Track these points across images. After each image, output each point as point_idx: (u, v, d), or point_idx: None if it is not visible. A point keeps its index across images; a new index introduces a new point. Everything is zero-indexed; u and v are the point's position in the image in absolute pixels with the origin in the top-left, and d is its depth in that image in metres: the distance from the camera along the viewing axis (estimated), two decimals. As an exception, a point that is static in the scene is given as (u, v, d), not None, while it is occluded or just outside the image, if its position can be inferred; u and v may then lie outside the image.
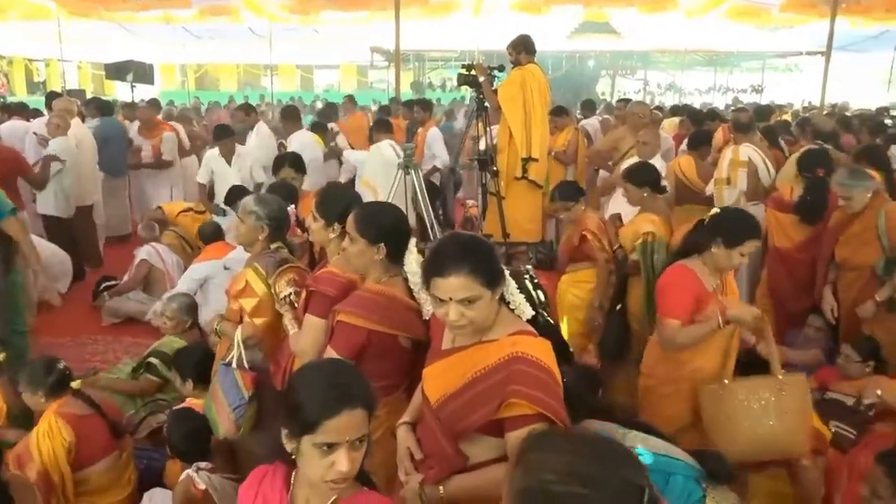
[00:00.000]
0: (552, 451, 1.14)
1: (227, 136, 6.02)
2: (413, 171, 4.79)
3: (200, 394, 3.28)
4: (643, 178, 4.01)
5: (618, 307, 3.97)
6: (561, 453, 1.12)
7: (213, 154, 6.12)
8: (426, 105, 7.91)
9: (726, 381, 2.82)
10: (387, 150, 5.90)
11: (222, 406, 2.86)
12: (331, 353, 2.29)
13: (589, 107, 10.24)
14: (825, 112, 10.92)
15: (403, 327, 2.32)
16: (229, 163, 5.97)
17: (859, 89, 22.81)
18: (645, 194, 3.98)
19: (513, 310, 1.91)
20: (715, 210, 3.06)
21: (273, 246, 3.01)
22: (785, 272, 4.63)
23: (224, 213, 5.44)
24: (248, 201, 3.05)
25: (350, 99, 10.64)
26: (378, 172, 5.76)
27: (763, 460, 2.82)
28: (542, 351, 1.79)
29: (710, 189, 5.68)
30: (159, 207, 6.53)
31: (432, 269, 1.77)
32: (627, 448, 1.19)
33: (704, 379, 2.88)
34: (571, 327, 4.34)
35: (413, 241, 2.32)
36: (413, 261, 2.28)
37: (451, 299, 1.74)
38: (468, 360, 1.83)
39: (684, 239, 3.14)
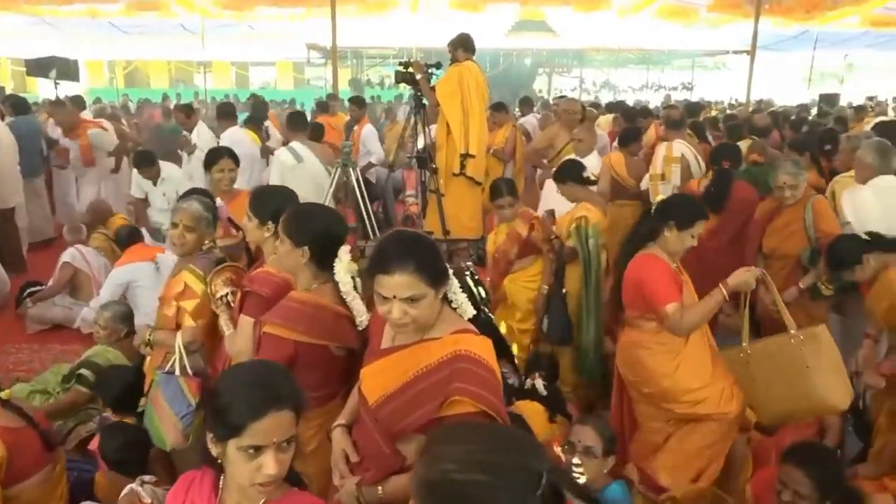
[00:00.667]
0: (454, 442, 1.16)
1: (148, 164, 5.52)
2: (351, 170, 4.75)
3: (122, 418, 3.18)
4: (570, 174, 4.27)
5: (563, 292, 4.13)
6: (462, 443, 1.15)
7: (138, 175, 5.68)
8: (360, 102, 7.86)
9: (745, 345, 2.89)
10: (283, 155, 5.43)
11: (167, 416, 2.77)
12: None
13: (527, 104, 10.31)
14: (751, 108, 11.36)
15: (333, 337, 2.24)
16: (155, 184, 5.65)
17: (783, 86, 23.82)
18: (578, 188, 4.23)
19: (455, 308, 1.89)
20: (660, 197, 3.15)
21: (205, 245, 2.94)
22: (695, 259, 4.80)
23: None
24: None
25: (333, 97, 10.34)
26: (275, 177, 5.35)
27: (801, 419, 2.96)
28: (484, 349, 1.78)
29: (644, 184, 5.82)
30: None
31: (377, 266, 1.73)
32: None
33: (685, 388, 2.90)
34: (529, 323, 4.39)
35: (345, 249, 2.21)
36: (342, 269, 2.19)
37: (394, 297, 1.71)
38: (409, 359, 1.80)
39: (633, 231, 3.20)
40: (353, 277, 2.21)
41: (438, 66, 5.95)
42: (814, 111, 14.39)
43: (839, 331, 3.78)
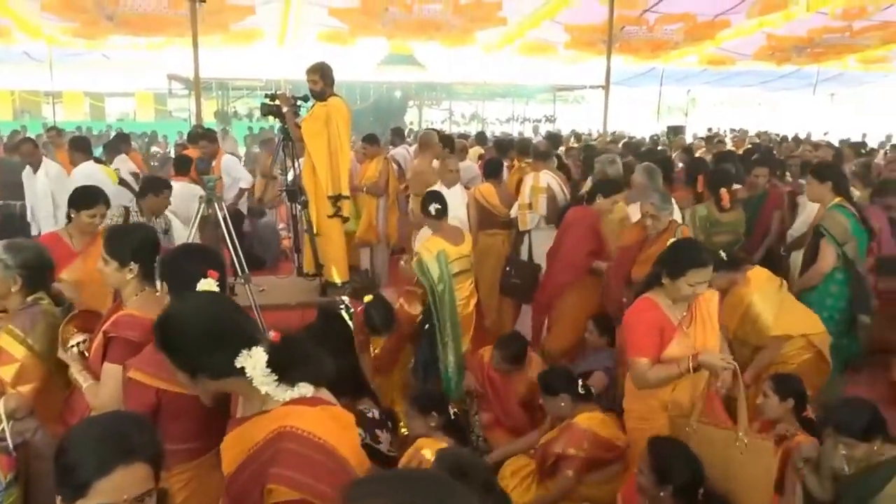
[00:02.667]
0: (366, 497, 1.08)
1: None
2: (216, 204, 4.57)
3: None
4: (423, 208, 4.54)
5: (426, 326, 4.39)
6: (376, 497, 1.07)
7: None
8: (212, 138, 7.59)
9: (694, 423, 2.80)
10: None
11: None
12: None
13: (398, 135, 10.44)
14: (608, 140, 12.12)
15: None
16: None
17: (636, 119, 25.64)
18: (430, 221, 4.51)
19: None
20: (672, 239, 3.17)
21: (31, 297, 2.67)
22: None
23: None
24: None
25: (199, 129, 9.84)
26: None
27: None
28: (316, 422, 1.63)
29: (514, 212, 6.04)
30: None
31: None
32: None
33: (680, 413, 2.92)
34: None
35: (209, 282, 2.03)
36: None
37: None
38: (248, 434, 1.67)
39: (650, 271, 3.20)
40: None
41: (306, 98, 5.83)
42: (664, 139, 15.68)
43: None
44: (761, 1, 11.59)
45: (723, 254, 3.84)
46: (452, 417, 3.44)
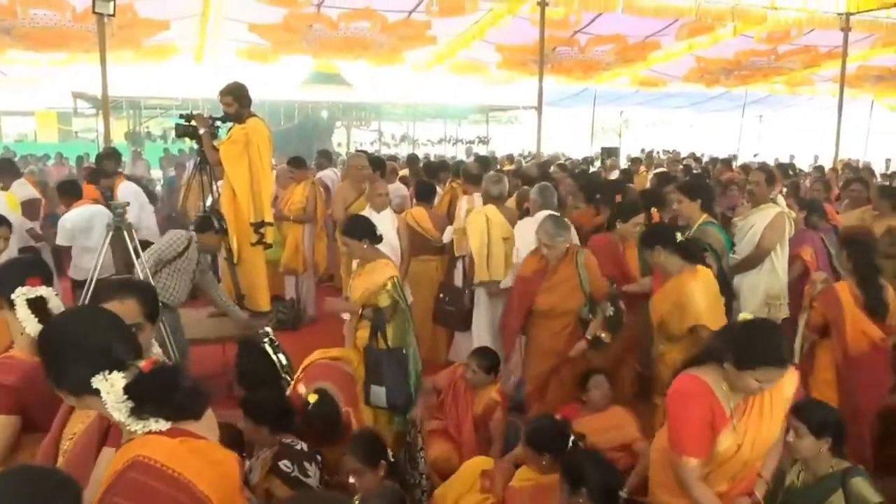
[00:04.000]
0: None
1: None
2: (126, 232, 4.41)
3: None
4: (360, 230, 4.26)
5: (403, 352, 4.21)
6: None
7: None
8: (112, 160, 7.30)
9: None
10: None
11: None
12: None
13: (325, 157, 10.35)
14: (542, 161, 12.40)
15: None
16: None
17: (570, 139, 26.34)
18: (365, 245, 4.24)
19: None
20: (744, 315, 2.65)
21: None
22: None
23: None
24: None
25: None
26: None
27: None
28: (172, 454, 1.62)
29: (447, 237, 6.05)
30: None
31: None
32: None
33: None
34: None
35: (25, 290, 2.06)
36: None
37: None
38: (114, 461, 1.66)
39: (707, 343, 2.85)
40: None
41: (225, 119, 5.73)
42: (597, 163, 16.13)
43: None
44: (689, 24, 12.17)
45: (680, 236, 4.10)
46: (393, 460, 3.39)
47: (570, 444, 3.37)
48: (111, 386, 1.63)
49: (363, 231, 4.28)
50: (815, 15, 11.53)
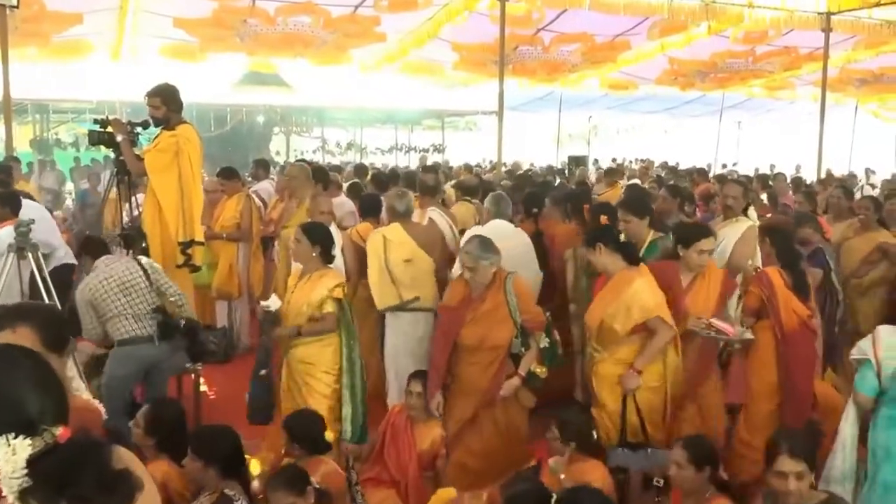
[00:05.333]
0: None
1: None
2: (30, 253, 4.33)
3: None
4: (319, 235, 4.54)
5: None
6: None
7: None
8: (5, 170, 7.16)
9: None
10: None
11: None
12: None
13: (262, 167, 10.31)
14: (505, 170, 12.55)
15: None
16: None
17: (534, 147, 26.66)
18: (314, 254, 4.47)
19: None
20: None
21: None
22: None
23: None
24: None
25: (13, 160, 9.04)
26: None
27: None
28: None
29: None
30: None
31: None
32: None
33: None
34: None
35: None
36: None
37: None
38: None
39: None
40: None
41: (146, 125, 5.65)
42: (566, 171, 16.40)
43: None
44: (661, 23, 12.49)
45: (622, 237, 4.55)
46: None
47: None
48: (12, 453, 1.44)
49: (321, 237, 4.44)
50: (794, 14, 11.92)
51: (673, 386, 4.34)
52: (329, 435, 3.95)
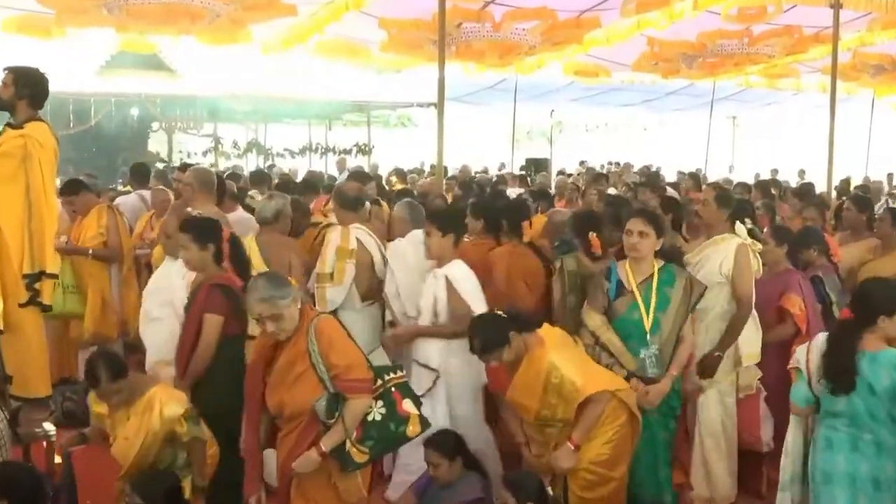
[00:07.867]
0: None
1: None
2: None
3: None
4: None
5: None
6: None
7: None
8: None
9: None
10: None
11: None
12: None
13: (141, 174, 10.26)
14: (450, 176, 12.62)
15: None
16: None
17: (485, 147, 26.87)
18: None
19: None
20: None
21: None
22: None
23: None
24: None
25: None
26: None
27: None
28: None
29: (311, 285, 6.02)
30: None
31: None
32: None
33: None
34: None
35: None
36: None
37: None
38: None
39: None
40: None
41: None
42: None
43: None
44: (638, -5, 12.71)
45: (501, 313, 4.80)
46: None
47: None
48: None
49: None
50: (797, -13, 12.27)
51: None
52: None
